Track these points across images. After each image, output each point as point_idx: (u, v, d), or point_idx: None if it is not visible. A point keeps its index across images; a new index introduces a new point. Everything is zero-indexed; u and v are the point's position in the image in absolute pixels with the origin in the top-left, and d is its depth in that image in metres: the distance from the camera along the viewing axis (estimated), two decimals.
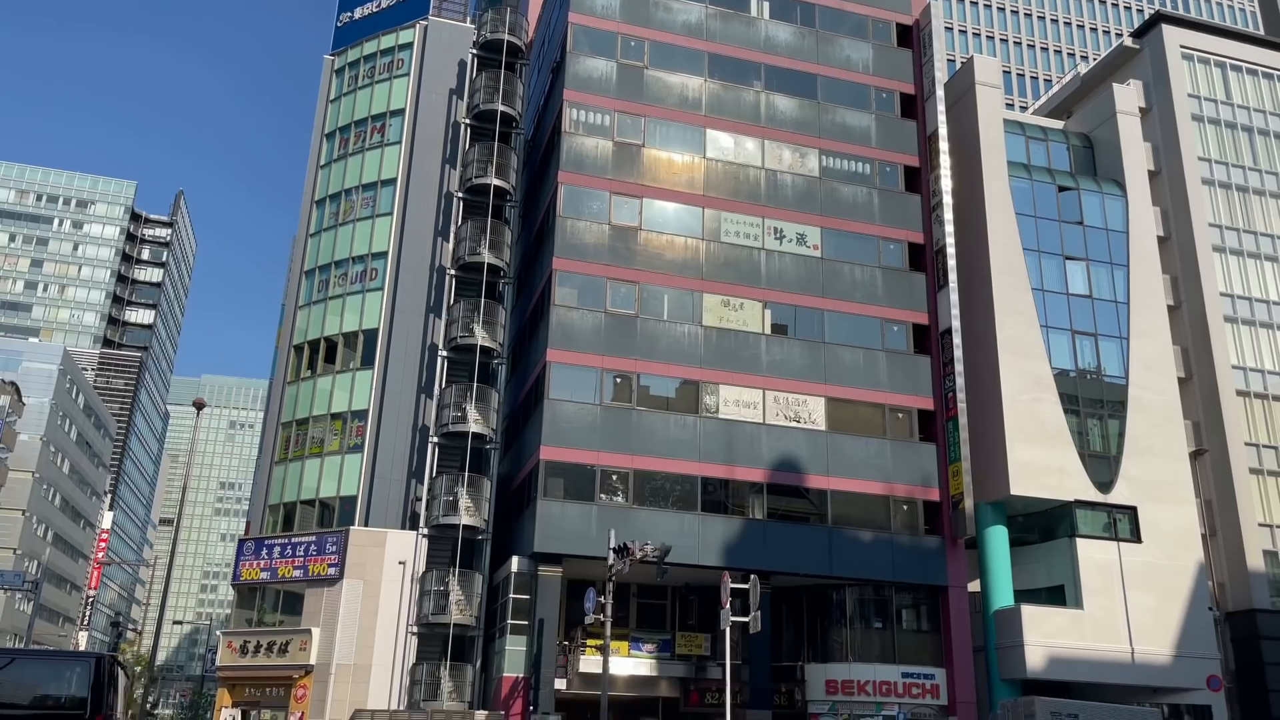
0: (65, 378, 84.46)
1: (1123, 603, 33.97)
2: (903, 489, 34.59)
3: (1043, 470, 34.80)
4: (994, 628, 34.09)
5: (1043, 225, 38.89)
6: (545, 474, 31.93)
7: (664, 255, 35.25)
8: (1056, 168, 41.14)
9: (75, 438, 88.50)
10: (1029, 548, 36.10)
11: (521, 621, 31.55)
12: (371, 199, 38.46)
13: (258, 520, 36.95)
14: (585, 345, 33.54)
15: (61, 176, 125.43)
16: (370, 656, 31.92)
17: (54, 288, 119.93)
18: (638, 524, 31.13)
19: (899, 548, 33.89)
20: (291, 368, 38.08)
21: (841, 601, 34.52)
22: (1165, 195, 43.12)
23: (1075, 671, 32.82)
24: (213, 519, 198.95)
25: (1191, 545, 35.68)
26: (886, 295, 36.88)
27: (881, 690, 32.52)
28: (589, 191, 35.41)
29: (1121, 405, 36.92)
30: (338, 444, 35.49)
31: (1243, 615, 37.41)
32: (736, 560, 31.33)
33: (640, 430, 32.96)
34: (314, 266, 38.94)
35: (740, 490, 33.49)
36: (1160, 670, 33.49)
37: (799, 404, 34.65)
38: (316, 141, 41.40)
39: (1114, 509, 35.35)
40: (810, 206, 37.26)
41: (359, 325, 36.75)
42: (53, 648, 76.30)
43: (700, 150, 36.91)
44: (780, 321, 35.81)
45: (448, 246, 37.05)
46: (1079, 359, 37.50)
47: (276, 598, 34.97)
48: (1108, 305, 38.51)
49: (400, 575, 32.75)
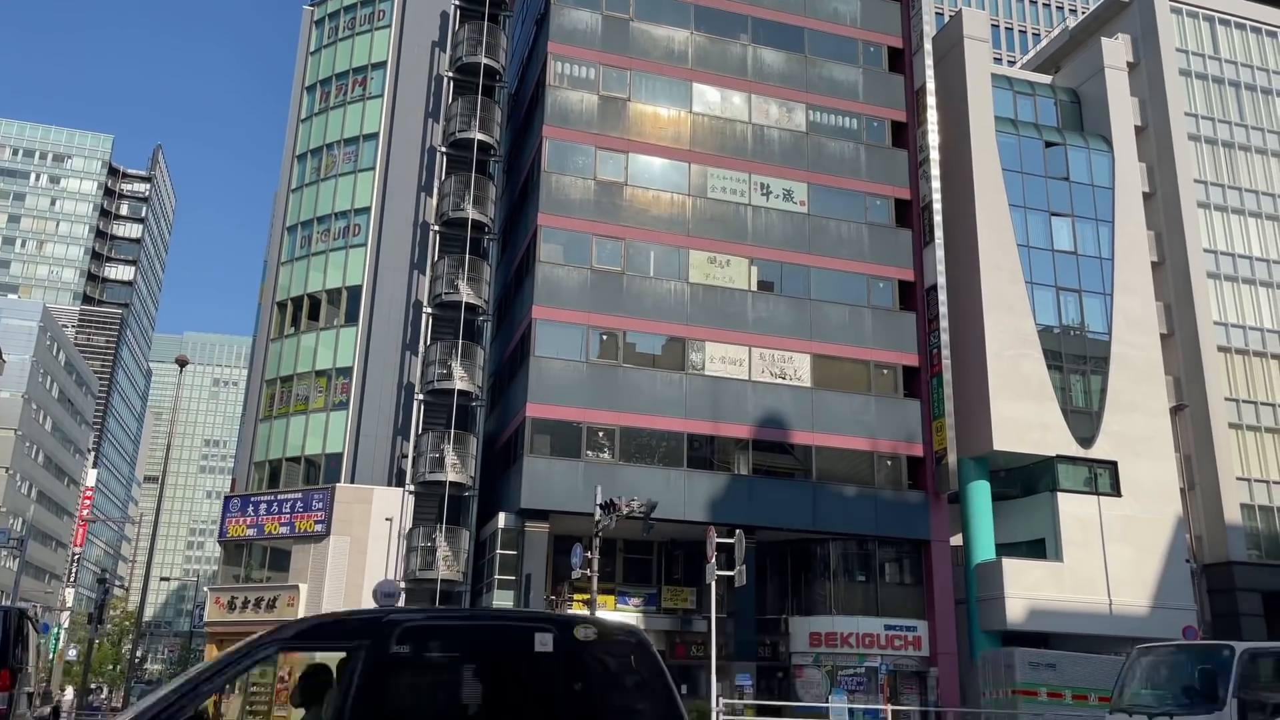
0: (46, 335, 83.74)
1: (1102, 555, 34.48)
2: (887, 445, 34.83)
3: (1025, 426, 35.09)
4: (975, 581, 34.57)
5: (1029, 181, 38.84)
6: (532, 431, 31.97)
7: (650, 211, 35.04)
8: (1044, 123, 40.98)
9: (57, 395, 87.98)
10: (1011, 502, 36.52)
11: (509, 577, 31.76)
12: (353, 154, 37.98)
13: (243, 477, 36.93)
14: (571, 302, 33.42)
15: (37, 130, 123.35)
16: None
17: (32, 244, 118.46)
18: (624, 480, 31.27)
19: (882, 503, 34.20)
20: (275, 324, 37.83)
21: (825, 555, 34.88)
22: (1151, 151, 43.09)
23: (1054, 623, 33.38)
24: (198, 476, 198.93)
25: (1170, 499, 36.16)
26: (872, 252, 36.83)
27: (864, 642, 32.99)
28: (574, 146, 35.06)
29: (1104, 361, 37.18)
30: (322, 401, 35.39)
31: (1219, 567, 38.06)
32: (722, 516, 31.56)
33: (626, 387, 32.98)
34: (296, 222, 38.54)
35: (726, 446, 33.65)
36: (1137, 621, 34.08)
37: (785, 361, 34.71)
38: (297, 95, 40.78)
39: (1095, 464, 35.75)
40: (797, 162, 37.03)
41: (342, 282, 36.48)
42: None
43: (686, 104, 36.55)
44: (766, 278, 35.75)
45: (431, 202, 36.70)
46: (1063, 315, 37.66)
47: (263, 554, 35.08)
48: (1092, 261, 38.62)
49: (387, 532, 32.87)
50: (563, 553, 32.15)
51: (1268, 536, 39.26)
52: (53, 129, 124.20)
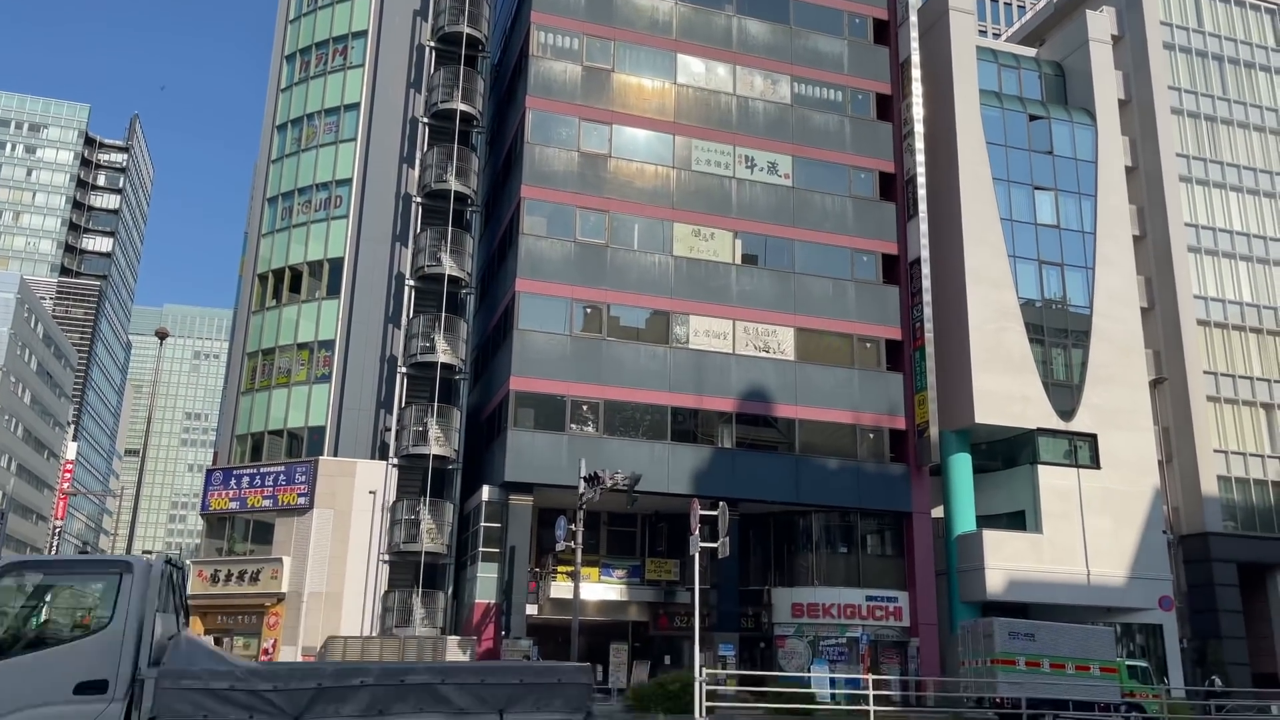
0: (23, 307, 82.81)
1: (1080, 527, 34.87)
2: (869, 418, 35.00)
3: (1007, 399, 35.33)
4: (956, 552, 34.91)
5: (1013, 155, 38.86)
6: (515, 404, 31.94)
7: (634, 183, 34.88)
8: (1028, 96, 40.97)
9: (35, 368, 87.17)
10: (991, 474, 36.82)
11: (493, 549, 31.85)
12: (334, 124, 37.58)
13: (225, 451, 36.76)
14: (555, 275, 33.31)
15: (13, 100, 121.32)
16: (342, 584, 32.14)
17: (8, 214, 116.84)
18: (608, 453, 31.32)
19: (865, 475, 34.42)
20: (256, 297, 37.54)
21: (808, 527, 35.12)
22: (1134, 124, 43.18)
23: (1033, 593, 33.78)
24: (179, 449, 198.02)
25: (1148, 471, 36.55)
26: (857, 225, 36.83)
27: (846, 613, 33.31)
28: (557, 117, 34.80)
29: (1085, 335, 37.41)
30: (305, 374, 35.21)
31: (1195, 538, 38.57)
32: (705, 488, 31.69)
33: (610, 360, 32.96)
34: (277, 194, 38.16)
35: (710, 420, 33.73)
36: (1115, 591, 34.55)
37: (768, 334, 34.75)
38: (276, 64, 40.25)
39: (1075, 436, 36.06)
40: (782, 134, 36.89)
41: (324, 254, 36.19)
42: None
43: (671, 76, 36.30)
44: (750, 251, 35.71)
45: (413, 173, 36.39)
46: (1045, 289, 37.83)
47: (246, 527, 35.00)
48: (1074, 235, 38.76)
49: (371, 505, 32.85)
50: (547, 525, 32.29)
51: (1244, 508, 39.79)
52: (28, 98, 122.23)
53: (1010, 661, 23.76)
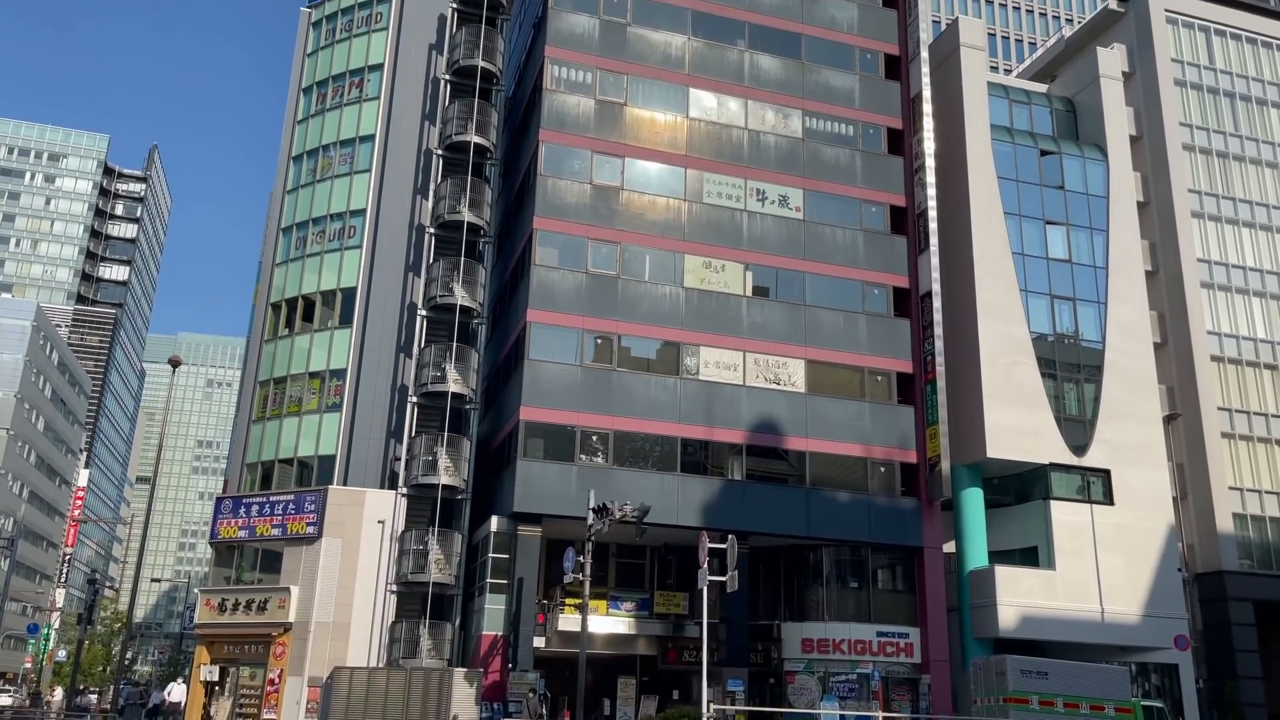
0: (39, 334, 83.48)
1: (1094, 564, 34.50)
2: (880, 451, 34.83)
3: (1019, 433, 35.13)
4: (968, 588, 34.57)
5: (1024, 189, 38.93)
6: (525, 434, 31.92)
7: (646, 215, 35.04)
8: (1039, 131, 41.10)
9: (50, 395, 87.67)
10: (1004, 509, 36.54)
11: (501, 580, 31.69)
12: (350, 155, 37.94)
13: (235, 479, 36.80)
14: (566, 305, 33.40)
15: (33, 130, 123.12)
16: (350, 614, 32.01)
17: (26, 243, 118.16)
18: (617, 484, 31.23)
19: (876, 509, 34.19)
20: (269, 326, 37.73)
21: (818, 562, 34.86)
22: (1146, 160, 43.24)
23: (1046, 630, 33.39)
24: (190, 477, 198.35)
25: (1163, 508, 36.20)
26: (868, 258, 36.87)
27: (857, 649, 32.98)
28: (570, 150, 35.07)
29: (1098, 370, 37.23)
30: (316, 403, 35.30)
31: (1211, 576, 38.11)
32: (715, 520, 31.53)
33: (620, 391, 32.96)
34: (291, 224, 38.48)
35: (720, 451, 33.63)
36: (1129, 630, 34.11)
37: (779, 366, 34.72)
38: (294, 96, 40.73)
39: (1088, 472, 35.78)
40: (793, 168, 37.07)
41: (337, 283, 36.40)
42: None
43: (683, 110, 36.58)
44: (761, 283, 35.77)
45: (427, 204, 36.66)
46: (1057, 323, 37.73)
47: (255, 556, 34.93)
48: (1086, 270, 38.70)
49: (379, 534, 32.77)
50: (555, 557, 32.10)
51: (1259, 546, 39.34)
52: (48, 128, 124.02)
53: (1023, 700, 23.41)
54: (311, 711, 30.95)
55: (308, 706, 31.03)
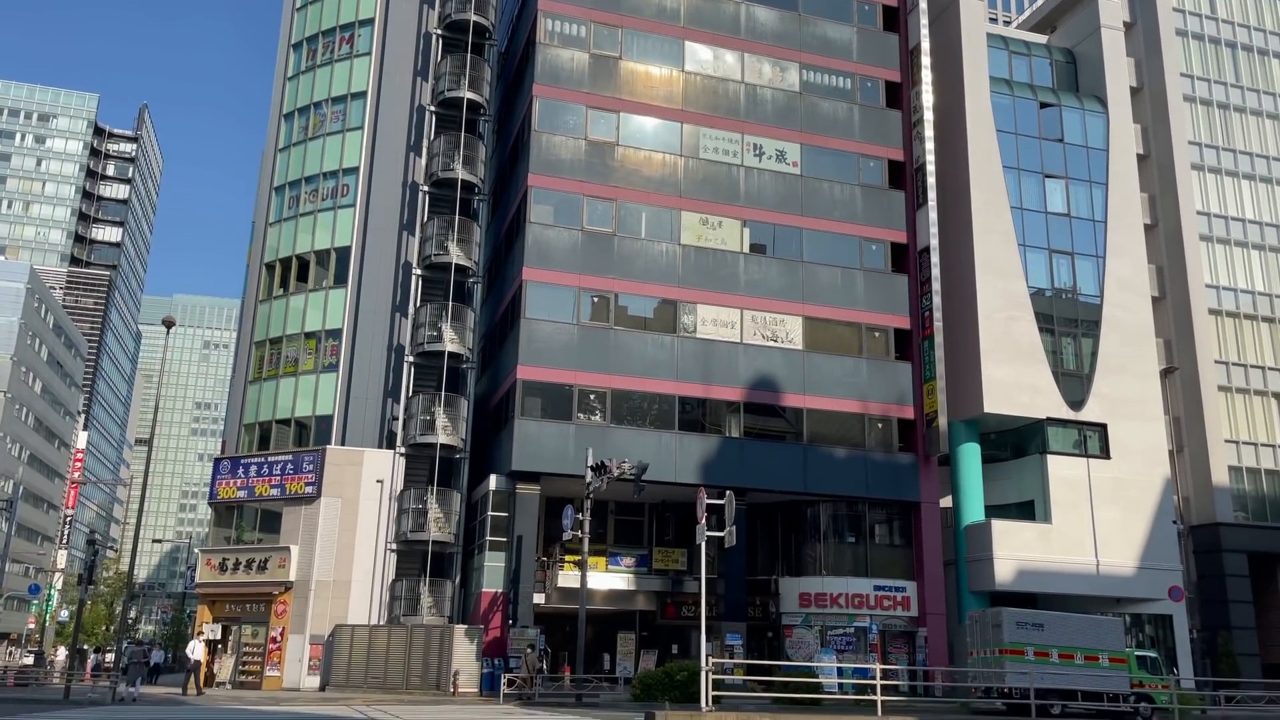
0: (33, 296, 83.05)
1: (1090, 517, 34.69)
2: (878, 407, 34.86)
3: (1016, 388, 35.14)
4: (964, 542, 34.79)
5: (1023, 143, 38.57)
6: (523, 393, 31.90)
7: (642, 172, 34.72)
8: (1039, 83, 40.64)
9: (46, 357, 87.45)
10: (1000, 464, 36.67)
11: (500, 538, 31.84)
12: (341, 112, 37.47)
13: (233, 440, 36.80)
14: (562, 264, 33.20)
15: (22, 90, 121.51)
16: (350, 573, 32.19)
17: (18, 205, 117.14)
18: (615, 442, 31.27)
19: (873, 465, 34.29)
20: (263, 286, 37.52)
21: (816, 517, 35.02)
22: (1146, 112, 42.83)
23: (1042, 583, 33.66)
24: (189, 439, 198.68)
25: (1159, 461, 36.34)
26: (865, 213, 36.62)
27: (854, 603, 33.24)
28: (565, 105, 34.66)
29: (1095, 324, 37.17)
30: (312, 363, 35.20)
31: (1206, 528, 38.37)
32: (713, 478, 31.61)
33: (618, 349, 32.88)
34: (284, 183, 38.10)
35: (717, 409, 33.64)
36: (1124, 582, 34.39)
37: (777, 323, 34.62)
38: (283, 52, 40.13)
39: (1085, 426, 35.85)
40: (790, 122, 36.69)
41: (331, 243, 36.13)
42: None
43: (679, 63, 36.11)
44: (759, 240, 35.55)
45: (420, 162, 36.29)
46: (1055, 278, 37.59)
47: (255, 516, 35.04)
48: (1085, 224, 38.48)
49: (378, 494, 32.86)
50: (554, 515, 32.25)
51: (1254, 498, 39.57)
52: (37, 88, 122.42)
53: (1019, 651, 23.63)
54: (314, 669, 31.24)
55: (310, 664, 31.31)
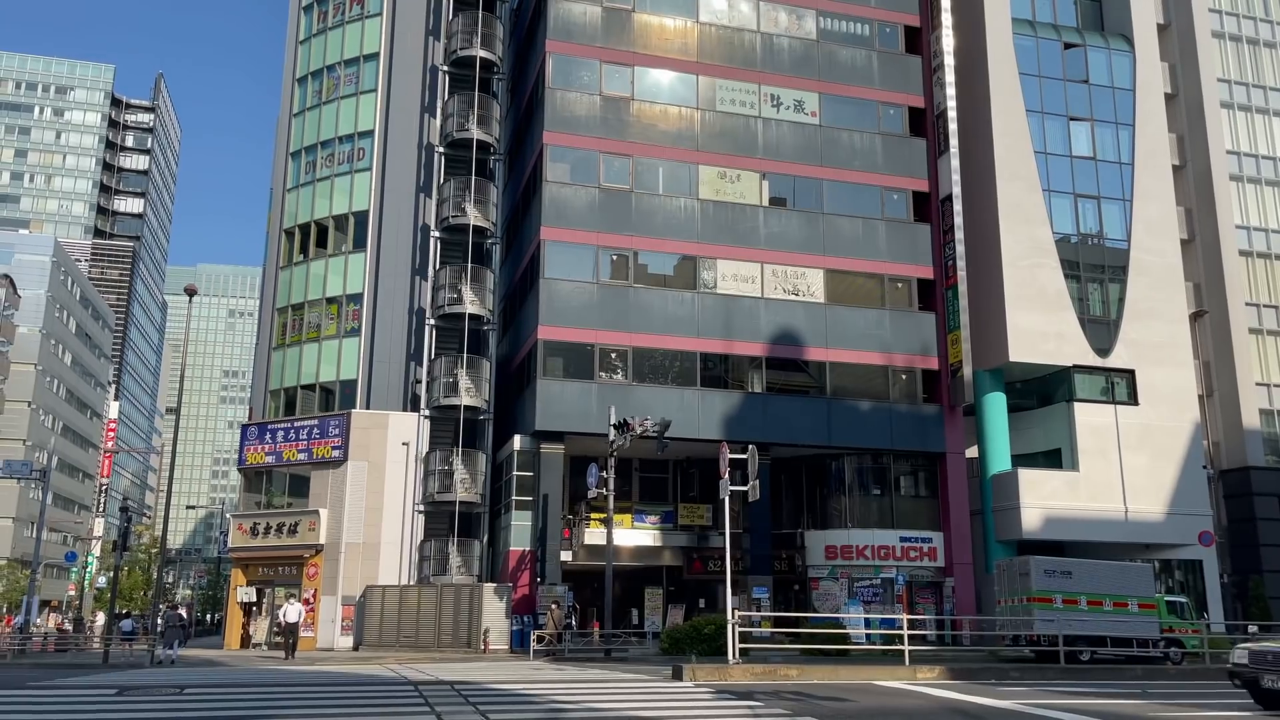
0: (59, 269, 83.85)
1: (1118, 464, 34.43)
2: (902, 359, 34.61)
3: (1041, 336, 34.75)
4: (991, 491, 34.65)
5: (1047, 85, 37.75)
6: (544, 353, 31.90)
7: (658, 126, 34.34)
8: (1063, 23, 39.67)
9: (74, 329, 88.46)
10: (1027, 413, 36.38)
11: (526, 498, 32.04)
12: (355, 75, 37.23)
13: (260, 406, 37.13)
14: (580, 222, 33.01)
15: (39, 63, 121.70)
16: (379, 535, 32.54)
17: (40, 178, 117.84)
18: (638, 400, 31.27)
19: (898, 416, 34.13)
20: (283, 252, 37.60)
21: (840, 470, 34.98)
22: (1174, 49, 41.78)
23: (1070, 531, 33.52)
24: (219, 406, 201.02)
25: (1188, 406, 35.92)
26: (886, 162, 36.10)
27: (880, 554, 33.28)
28: (578, 61, 34.23)
29: (1122, 269, 36.59)
30: (334, 328, 35.35)
31: (1236, 473, 38.00)
32: (736, 433, 31.57)
33: (638, 307, 32.76)
34: (300, 148, 38.01)
35: (739, 365, 33.52)
36: (1153, 527, 34.19)
37: (798, 277, 34.34)
38: (294, 15, 39.86)
39: (1112, 373, 35.46)
40: (808, 71, 36.09)
41: (349, 207, 36.09)
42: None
43: (693, 13, 35.53)
44: (778, 193, 35.16)
45: (435, 123, 36.06)
46: (1081, 223, 36.97)
47: (283, 481, 35.44)
48: (1111, 167, 37.74)
49: (404, 456, 33.10)
50: (579, 473, 32.39)
51: None
52: (54, 60, 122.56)
53: (1047, 599, 23.60)
54: (346, 629, 31.72)
55: (343, 624, 31.78)
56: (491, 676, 17.83)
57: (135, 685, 16.69)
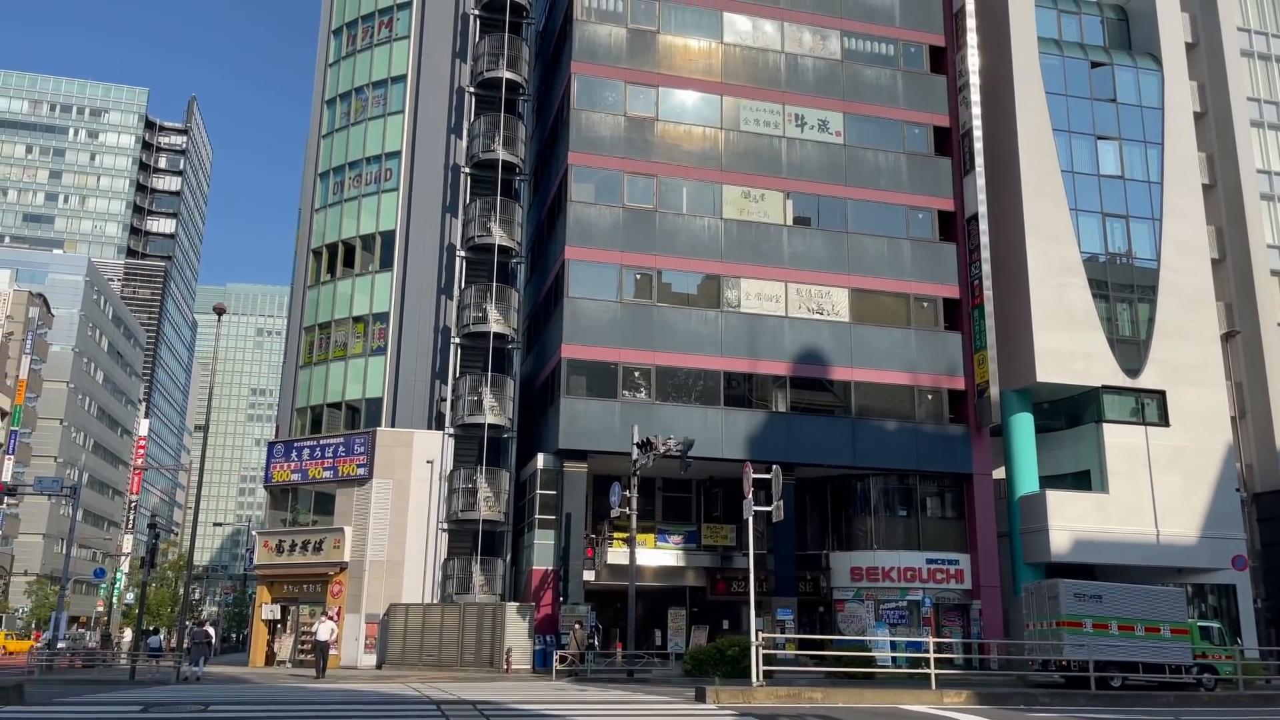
0: (92, 289, 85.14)
1: (1149, 486, 33.95)
2: (927, 378, 34.38)
3: (1069, 356, 34.42)
4: (1018, 513, 34.26)
5: (1074, 104, 37.56)
6: (568, 372, 31.95)
7: (682, 146, 34.45)
8: (1089, 42, 39.48)
9: (106, 348, 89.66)
10: (1055, 434, 35.99)
11: (549, 516, 32.01)
12: (383, 97, 37.65)
13: (286, 424, 37.39)
14: (604, 241, 33.12)
15: (74, 85, 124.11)
16: (402, 553, 32.60)
17: (74, 199, 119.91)
18: (661, 419, 31.22)
19: (923, 437, 33.86)
20: (311, 272, 37.96)
21: (865, 491, 34.72)
22: (1202, 68, 41.48)
23: (1100, 554, 33.05)
24: (246, 424, 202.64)
25: (1220, 427, 35.41)
26: (911, 182, 35.99)
27: (906, 576, 32.95)
28: (603, 82, 34.45)
29: (1152, 289, 36.21)
30: (360, 347, 35.59)
31: (1270, 495, 37.39)
32: (760, 453, 31.44)
33: (662, 326, 32.77)
34: (328, 168, 38.44)
35: (763, 384, 33.41)
36: (1185, 551, 33.64)
37: (822, 296, 34.24)
38: (324, 39, 40.40)
39: (1142, 393, 35.04)
40: (832, 91, 36.12)
41: (376, 227, 36.42)
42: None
43: (717, 35, 35.68)
44: (802, 212, 35.14)
45: (461, 144, 36.37)
46: (1109, 242, 36.66)
47: (309, 498, 35.63)
48: (1140, 186, 37.43)
49: (428, 474, 33.19)
50: (602, 492, 32.34)
51: None
52: (88, 83, 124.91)
53: (1077, 624, 23.23)
54: (370, 647, 31.75)
55: (366, 642, 31.82)
56: (514, 697, 17.78)
57: (161, 702, 16.77)
